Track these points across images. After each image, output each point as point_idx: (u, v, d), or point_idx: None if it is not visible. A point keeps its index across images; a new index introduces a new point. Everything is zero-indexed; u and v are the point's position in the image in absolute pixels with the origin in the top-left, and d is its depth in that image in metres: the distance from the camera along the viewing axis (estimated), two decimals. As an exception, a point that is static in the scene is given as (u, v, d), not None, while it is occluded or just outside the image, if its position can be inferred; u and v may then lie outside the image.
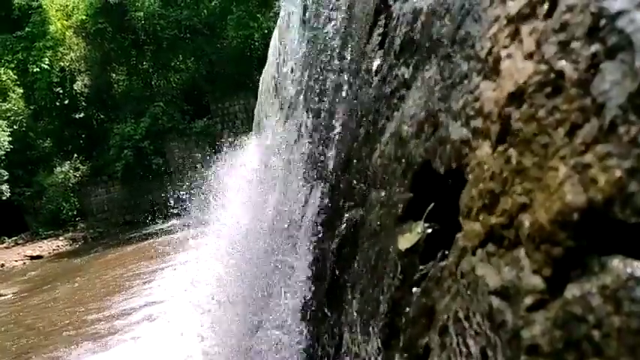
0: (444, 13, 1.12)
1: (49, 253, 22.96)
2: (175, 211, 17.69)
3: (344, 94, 2.35)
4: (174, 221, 20.24)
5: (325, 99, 2.81)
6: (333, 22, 2.75)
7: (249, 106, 24.91)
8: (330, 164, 2.42)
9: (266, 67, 7.82)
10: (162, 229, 20.37)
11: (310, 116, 3.17)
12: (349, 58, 2.31)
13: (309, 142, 3.05)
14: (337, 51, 2.63)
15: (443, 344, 0.90)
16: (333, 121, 2.49)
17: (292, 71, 4.28)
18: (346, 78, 2.34)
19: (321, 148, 2.72)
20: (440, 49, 1.11)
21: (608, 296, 0.56)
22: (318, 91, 3.00)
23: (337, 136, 2.38)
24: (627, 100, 0.57)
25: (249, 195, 5.32)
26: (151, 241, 19.20)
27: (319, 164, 2.69)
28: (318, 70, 3.03)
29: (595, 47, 0.63)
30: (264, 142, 6.09)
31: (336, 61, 2.63)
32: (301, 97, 3.65)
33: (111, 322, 9.61)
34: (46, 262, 20.92)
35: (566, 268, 0.63)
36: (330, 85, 2.71)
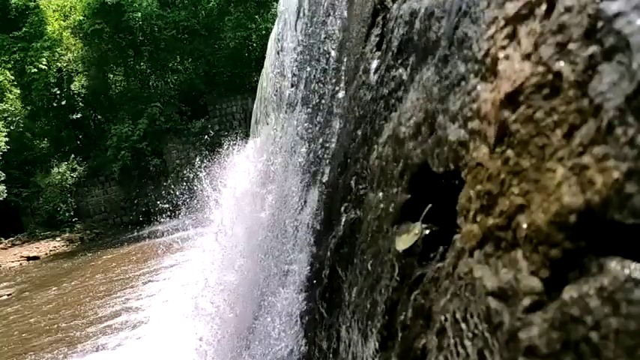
0: (441, 14, 1.12)
1: (46, 254, 22.89)
2: (171, 212, 17.68)
3: (341, 95, 2.35)
4: (170, 223, 20.24)
5: (323, 100, 2.81)
6: (331, 23, 2.75)
7: (247, 107, 24.93)
8: (328, 165, 2.42)
9: (264, 68, 7.81)
10: (158, 230, 20.35)
11: (308, 118, 3.16)
12: (347, 59, 2.31)
13: (307, 144, 3.05)
14: (335, 52, 2.63)
15: (440, 346, 0.90)
16: (331, 122, 2.49)
17: (290, 72, 4.28)
18: (344, 79, 2.34)
19: (318, 149, 2.71)
20: (437, 50, 1.11)
21: (606, 298, 0.56)
22: (315, 92, 3.00)
23: (335, 138, 2.38)
24: (625, 101, 0.57)
25: (245, 195, 5.30)
26: (147, 242, 19.18)
27: (317, 165, 2.69)
28: (316, 71, 3.03)
29: (592, 49, 0.63)
30: (262, 143, 6.05)
31: (334, 63, 2.63)
32: (299, 98, 3.65)
33: (88, 329, 9.57)
34: (42, 264, 20.85)
35: (563, 270, 0.63)
36: (328, 86, 2.71)
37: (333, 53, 2.69)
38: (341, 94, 2.36)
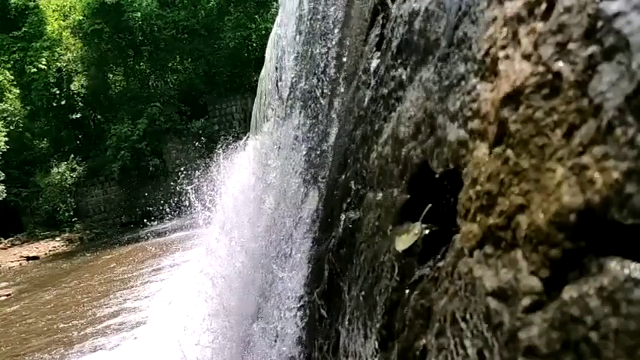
0: (441, 14, 1.12)
1: (46, 254, 22.88)
2: (171, 212, 17.70)
3: (341, 95, 2.35)
4: (170, 222, 20.24)
5: (322, 100, 2.81)
6: (330, 23, 2.75)
7: (247, 106, 24.93)
8: (328, 165, 2.42)
9: (264, 68, 7.80)
10: (158, 230, 20.36)
11: (307, 117, 3.16)
12: (346, 58, 2.31)
13: (307, 144, 3.05)
14: (334, 52, 2.63)
15: (440, 346, 0.90)
16: (331, 122, 2.49)
17: (289, 72, 4.27)
18: (343, 79, 2.34)
19: (318, 149, 2.71)
20: (437, 50, 1.11)
21: (606, 298, 0.56)
22: (315, 92, 3.00)
23: (334, 138, 2.38)
24: (624, 101, 0.57)
25: (244, 197, 5.25)
26: (146, 242, 19.18)
27: (316, 165, 2.69)
28: (315, 70, 3.03)
29: (592, 49, 0.63)
30: (262, 143, 5.98)
31: (334, 62, 2.63)
32: (298, 98, 3.65)
33: (86, 329, 9.55)
34: (41, 264, 20.83)
35: (563, 270, 0.63)
36: (328, 86, 2.71)
37: (332, 53, 2.69)
38: (340, 94, 2.35)
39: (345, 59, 2.33)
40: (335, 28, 2.64)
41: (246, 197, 4.99)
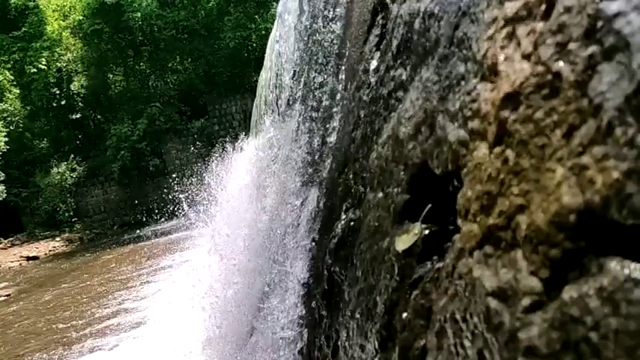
0: (441, 14, 1.12)
1: (45, 254, 22.88)
2: (171, 212, 17.69)
3: (341, 95, 2.35)
4: (169, 223, 20.23)
5: (322, 100, 2.81)
6: (330, 23, 2.75)
7: (247, 106, 24.93)
8: (327, 165, 2.42)
9: (263, 70, 7.79)
10: (157, 230, 20.34)
11: (307, 117, 3.16)
12: (346, 58, 2.31)
13: (306, 144, 3.05)
14: (334, 51, 2.63)
15: (440, 346, 0.90)
16: (330, 122, 2.49)
17: (288, 72, 4.27)
18: (343, 79, 2.34)
19: (317, 149, 2.71)
20: (437, 50, 1.11)
21: (606, 298, 0.56)
22: (315, 92, 3.00)
23: (334, 138, 2.38)
24: (624, 101, 0.57)
25: (243, 198, 5.22)
26: (145, 242, 19.16)
27: (316, 165, 2.69)
28: (315, 70, 3.03)
29: (592, 49, 0.63)
30: (258, 158, 5.93)
31: (333, 62, 2.63)
32: (298, 98, 3.65)
33: (86, 330, 9.53)
34: (41, 264, 20.83)
35: (563, 270, 0.63)
36: (327, 86, 2.71)
37: (332, 53, 2.69)
38: (340, 94, 2.35)
39: (341, 86, 2.33)
40: (330, 57, 2.64)
41: (241, 217, 4.94)
